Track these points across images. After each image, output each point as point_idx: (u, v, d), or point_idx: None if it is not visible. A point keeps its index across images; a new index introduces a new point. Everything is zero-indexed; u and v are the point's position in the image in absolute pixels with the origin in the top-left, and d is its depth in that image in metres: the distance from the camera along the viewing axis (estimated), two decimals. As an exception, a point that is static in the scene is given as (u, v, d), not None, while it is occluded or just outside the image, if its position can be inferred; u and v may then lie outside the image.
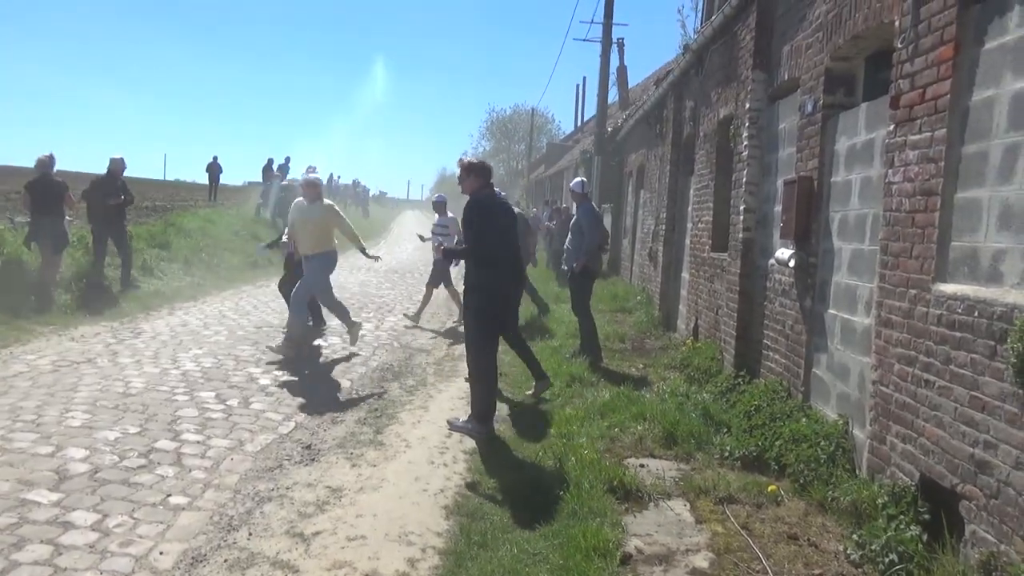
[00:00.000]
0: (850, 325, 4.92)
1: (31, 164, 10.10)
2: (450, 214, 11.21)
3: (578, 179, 8.91)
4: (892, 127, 4.23)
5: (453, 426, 5.80)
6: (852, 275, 4.94)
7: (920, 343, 3.84)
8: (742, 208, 7.06)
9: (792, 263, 5.72)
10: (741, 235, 7.06)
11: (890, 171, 4.23)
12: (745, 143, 7.06)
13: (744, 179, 7.07)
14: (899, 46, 4.20)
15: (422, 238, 12.36)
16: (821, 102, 5.45)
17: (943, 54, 3.79)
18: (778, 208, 6.43)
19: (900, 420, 4.01)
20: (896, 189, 4.15)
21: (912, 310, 3.94)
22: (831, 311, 5.24)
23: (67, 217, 10.10)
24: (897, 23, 4.26)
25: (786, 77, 6.36)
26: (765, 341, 6.56)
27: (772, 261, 6.38)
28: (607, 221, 19.39)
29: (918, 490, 3.77)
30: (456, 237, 10.34)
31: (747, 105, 7.03)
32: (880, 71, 5.16)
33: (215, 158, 25.78)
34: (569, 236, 8.56)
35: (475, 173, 5.69)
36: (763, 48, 6.83)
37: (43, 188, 9.75)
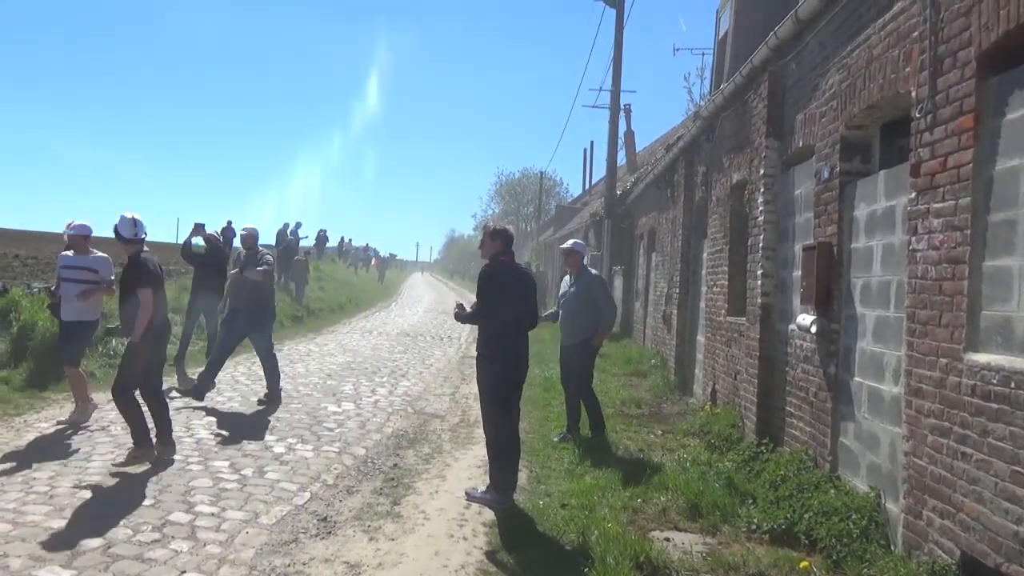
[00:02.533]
0: (878, 393, 4.83)
1: (43, 228, 10.17)
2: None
3: (573, 240, 7.88)
4: (914, 195, 4.24)
5: (471, 497, 5.67)
6: (878, 342, 4.88)
7: (954, 414, 3.76)
8: (759, 273, 7.05)
9: (814, 329, 5.67)
10: (759, 300, 7.02)
11: (914, 238, 4.21)
12: (760, 208, 7.10)
13: (761, 244, 7.08)
14: (917, 116, 4.24)
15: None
16: (837, 169, 5.49)
17: (963, 124, 3.82)
18: (797, 273, 6.42)
19: (937, 494, 3.89)
20: (921, 256, 4.13)
21: (944, 380, 3.86)
22: (857, 379, 5.16)
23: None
24: (914, 93, 4.31)
25: (800, 144, 6.42)
26: (788, 408, 6.46)
27: (793, 327, 6.33)
28: (618, 283, 19.49)
29: (959, 569, 3.63)
30: None
31: (761, 171, 7.09)
32: (896, 139, 5.22)
33: (229, 223, 26.06)
34: (564, 305, 7.64)
35: (498, 239, 5.66)
36: (776, 116, 6.93)
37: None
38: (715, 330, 9.11)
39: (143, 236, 6.33)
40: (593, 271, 8.01)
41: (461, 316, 5.82)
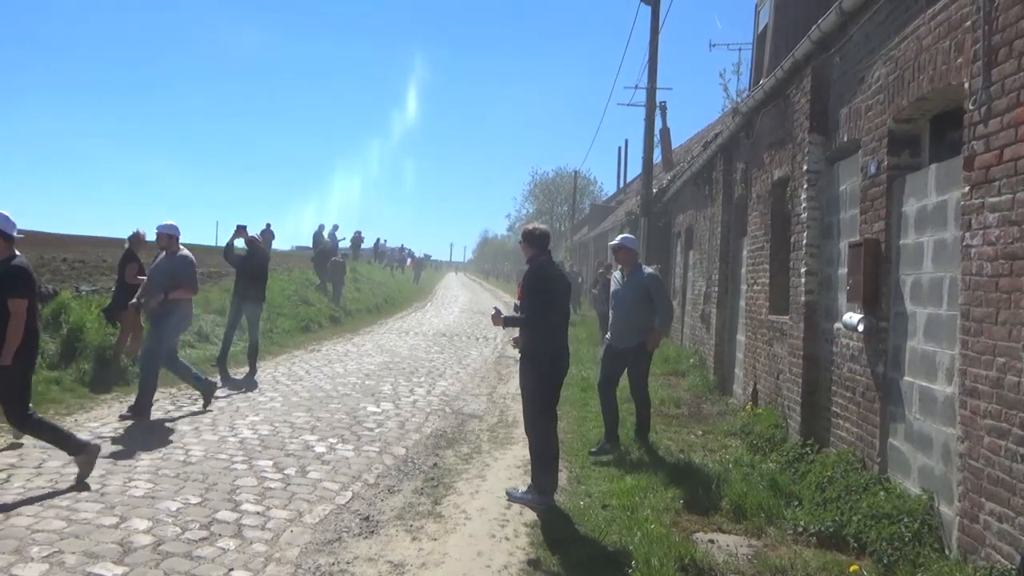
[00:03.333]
0: (929, 393, 4.72)
1: (85, 232, 10.44)
2: None
3: (625, 236, 7.71)
4: (967, 189, 4.13)
5: (513, 497, 5.66)
6: (929, 341, 4.76)
7: (1013, 415, 3.64)
8: (803, 270, 6.93)
9: (861, 327, 5.55)
10: (803, 298, 6.91)
11: (967, 234, 4.10)
12: (804, 205, 6.98)
13: (804, 241, 6.96)
14: (970, 108, 4.12)
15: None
16: (885, 163, 5.37)
17: (1020, 115, 3.70)
18: (842, 271, 6.30)
19: (994, 497, 3.78)
20: (975, 253, 4.02)
21: (1001, 379, 3.75)
22: (907, 378, 5.04)
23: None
24: (966, 85, 4.19)
25: (845, 139, 6.30)
26: (834, 408, 6.34)
27: (839, 325, 6.21)
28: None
29: (1019, 573, 3.51)
30: None
31: (804, 167, 6.97)
32: (946, 132, 5.09)
33: (268, 225, 26.40)
34: (615, 305, 7.38)
35: (528, 241, 5.69)
36: (819, 111, 6.80)
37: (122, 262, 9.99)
38: (756, 329, 8.99)
39: (13, 235, 5.44)
40: (648, 269, 7.61)
41: (508, 319, 5.73)
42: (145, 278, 8.47)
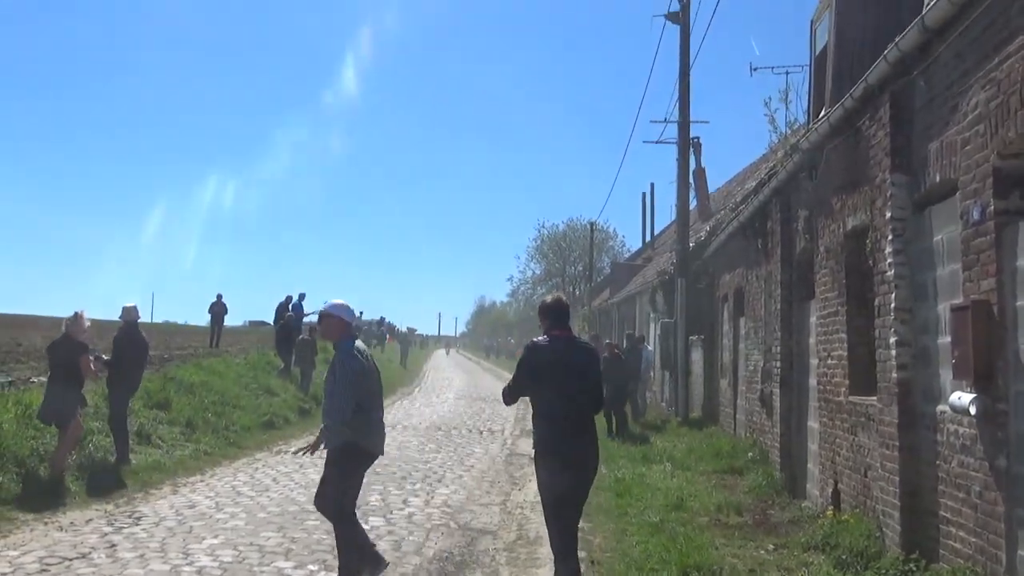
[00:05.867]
0: (1070, 492, 4.61)
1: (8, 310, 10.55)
2: None
3: (334, 302, 6.91)
4: (1102, 238, 4.12)
5: None
6: (1064, 426, 4.68)
7: None
8: (893, 341, 6.90)
9: (973, 410, 5.48)
10: (895, 375, 6.85)
11: (1107, 293, 4.07)
12: (889, 260, 6.99)
13: (892, 304, 6.95)
14: (1099, 139, 4.15)
15: None
16: (991, 208, 5.39)
17: None
18: (943, 340, 6.26)
19: None
20: (1119, 315, 3.98)
21: None
22: (1038, 473, 4.94)
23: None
24: (1092, 112, 4.23)
25: (937, 179, 6.35)
26: (943, 513, 6.21)
27: (944, 408, 6.13)
28: (697, 357, 19.28)
29: None
30: None
31: (887, 214, 7.01)
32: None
33: (219, 296, 26.49)
34: None
35: (544, 314, 6.01)
36: (902, 145, 6.88)
37: (62, 350, 10.07)
38: (833, 413, 8.90)
39: None
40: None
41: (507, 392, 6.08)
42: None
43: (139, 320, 12.18)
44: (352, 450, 6.46)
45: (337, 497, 6.47)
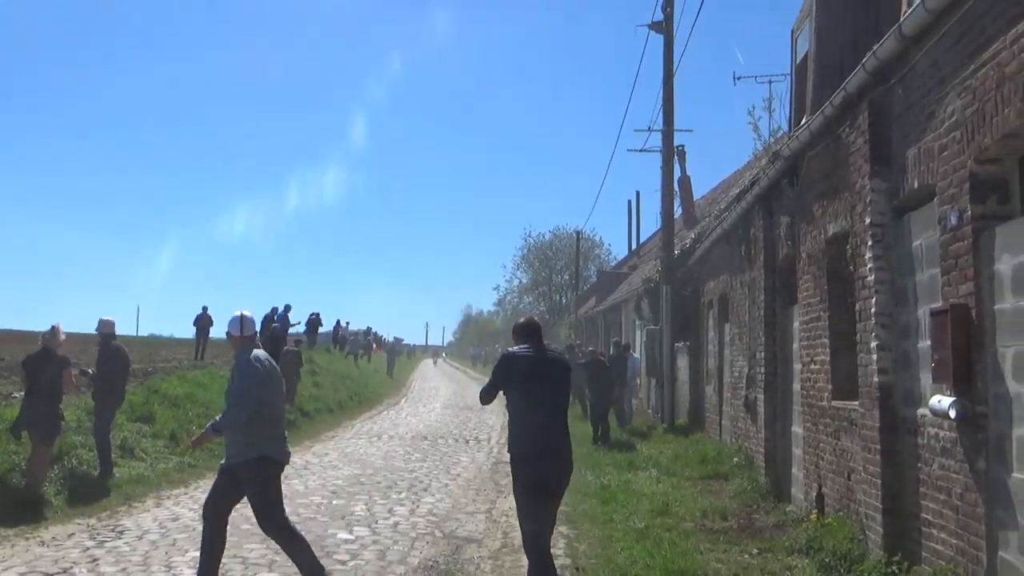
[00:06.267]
0: (1048, 494, 4.66)
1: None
2: None
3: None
4: (1076, 241, 4.17)
5: None
6: (1042, 428, 4.73)
7: None
8: (874, 345, 6.95)
9: (953, 413, 5.52)
10: (876, 379, 6.90)
11: (1081, 295, 4.13)
12: (870, 265, 7.05)
13: (873, 309, 7.00)
14: (1071, 144, 4.21)
15: None
16: (969, 213, 5.45)
17: None
18: (923, 344, 6.32)
19: None
20: (1093, 318, 4.04)
21: None
22: (1017, 475, 4.99)
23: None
24: (1064, 117, 4.29)
25: (915, 185, 6.41)
26: (924, 515, 6.25)
27: (924, 411, 6.18)
28: (683, 363, 19.34)
29: None
30: None
31: (867, 220, 7.08)
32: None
33: (205, 309, 26.37)
34: None
35: (516, 335, 6.31)
36: (881, 152, 6.95)
37: (41, 364, 10.00)
38: (817, 418, 8.95)
39: None
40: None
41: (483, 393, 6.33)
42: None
43: (116, 333, 12.08)
44: (263, 463, 6.43)
45: (266, 512, 6.47)
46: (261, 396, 6.42)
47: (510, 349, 6.32)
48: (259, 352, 6.67)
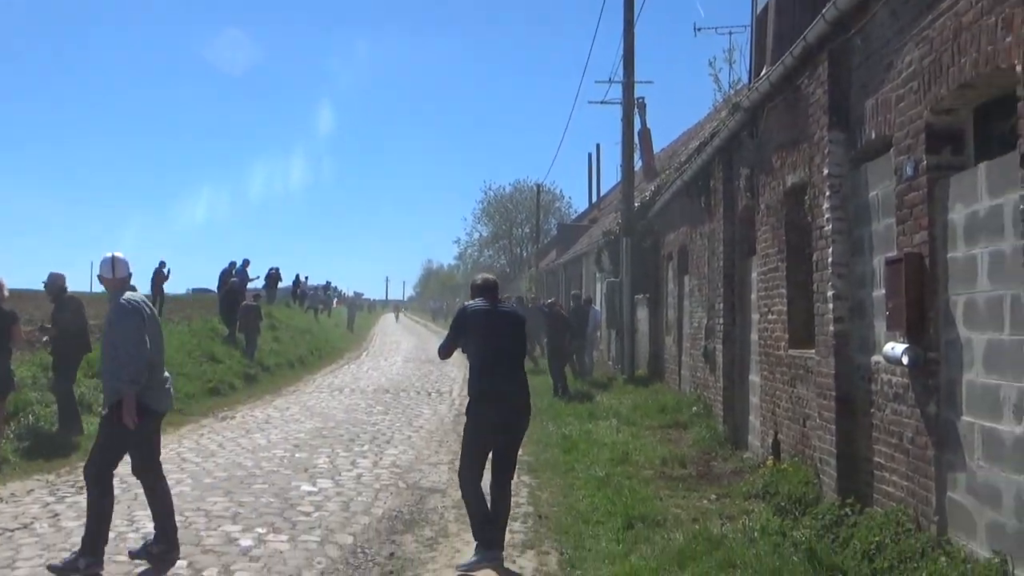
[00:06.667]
0: (995, 435, 4.82)
1: None
2: None
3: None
4: (1027, 190, 4.26)
5: (462, 567, 6.13)
6: (991, 372, 4.87)
7: (1101, 456, 3.74)
8: (830, 295, 7.07)
9: (906, 360, 5.66)
10: (832, 328, 7.03)
11: (1031, 243, 4.23)
12: (827, 216, 7.14)
13: (829, 259, 7.11)
14: (1024, 94, 4.28)
15: None
16: (924, 163, 5.54)
17: (1085, 101, 3.85)
18: (878, 293, 6.44)
19: (1085, 557, 3.85)
20: (1042, 264, 4.14)
21: (1084, 415, 3.85)
22: (966, 418, 5.14)
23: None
24: (1018, 68, 4.36)
25: (873, 136, 6.48)
26: (876, 459, 6.43)
27: (878, 359, 6.32)
28: (643, 315, 19.52)
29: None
30: None
31: (825, 171, 7.15)
32: (993, 123, 5.28)
33: (162, 263, 25.88)
34: None
35: (473, 293, 6.66)
36: (839, 103, 7.00)
37: None
38: (773, 367, 9.11)
39: None
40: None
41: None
42: None
43: (67, 288, 11.67)
44: (141, 411, 6.05)
45: (98, 459, 6.20)
46: (150, 337, 6.15)
47: (466, 303, 6.65)
48: (133, 294, 6.33)
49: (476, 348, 6.34)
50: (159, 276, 25.45)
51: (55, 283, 11.09)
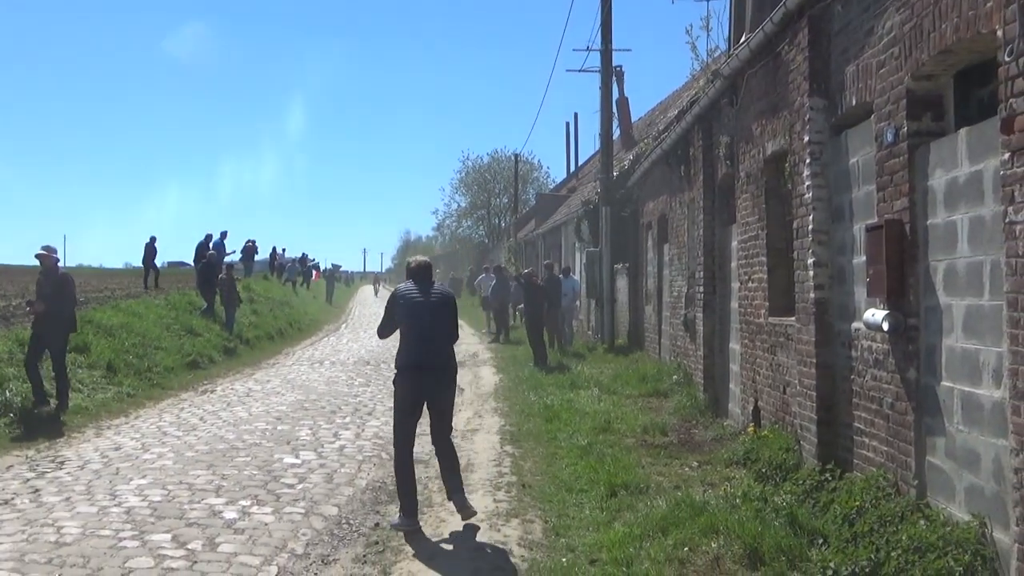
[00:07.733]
0: (974, 400, 4.87)
1: None
2: None
3: None
4: (1007, 156, 4.28)
5: (394, 525, 6.50)
6: (970, 337, 4.92)
7: (1079, 419, 3.79)
8: (810, 262, 7.09)
9: (886, 326, 5.70)
10: (812, 295, 7.07)
11: (1010, 208, 4.25)
12: (807, 183, 7.15)
13: (809, 226, 7.13)
14: (1006, 59, 4.28)
15: None
16: (905, 129, 5.54)
17: (1066, 66, 3.86)
18: (858, 260, 6.47)
19: (1062, 518, 3.92)
20: (1021, 230, 4.17)
21: (1062, 378, 3.89)
22: (945, 383, 5.20)
23: None
24: (1000, 33, 4.35)
25: (853, 102, 6.48)
26: (856, 424, 6.50)
27: (858, 325, 6.37)
28: (622, 284, 19.56)
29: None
30: None
31: (805, 138, 7.15)
32: (974, 89, 5.29)
33: (152, 239, 25.73)
34: None
35: (407, 273, 7.23)
36: (820, 69, 6.99)
37: None
38: (754, 335, 9.16)
39: None
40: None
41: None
42: None
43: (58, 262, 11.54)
44: None
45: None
46: None
47: (398, 286, 7.30)
48: None
49: (404, 327, 6.80)
50: (150, 251, 25.49)
51: (52, 256, 11.16)
